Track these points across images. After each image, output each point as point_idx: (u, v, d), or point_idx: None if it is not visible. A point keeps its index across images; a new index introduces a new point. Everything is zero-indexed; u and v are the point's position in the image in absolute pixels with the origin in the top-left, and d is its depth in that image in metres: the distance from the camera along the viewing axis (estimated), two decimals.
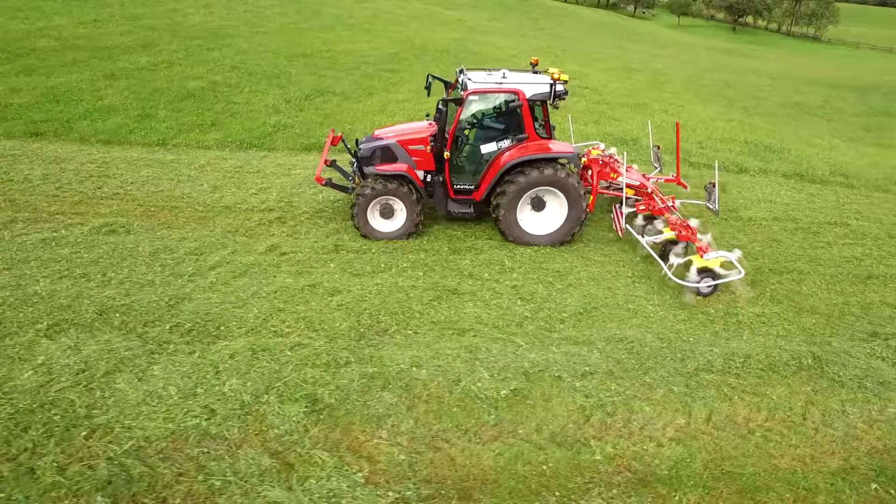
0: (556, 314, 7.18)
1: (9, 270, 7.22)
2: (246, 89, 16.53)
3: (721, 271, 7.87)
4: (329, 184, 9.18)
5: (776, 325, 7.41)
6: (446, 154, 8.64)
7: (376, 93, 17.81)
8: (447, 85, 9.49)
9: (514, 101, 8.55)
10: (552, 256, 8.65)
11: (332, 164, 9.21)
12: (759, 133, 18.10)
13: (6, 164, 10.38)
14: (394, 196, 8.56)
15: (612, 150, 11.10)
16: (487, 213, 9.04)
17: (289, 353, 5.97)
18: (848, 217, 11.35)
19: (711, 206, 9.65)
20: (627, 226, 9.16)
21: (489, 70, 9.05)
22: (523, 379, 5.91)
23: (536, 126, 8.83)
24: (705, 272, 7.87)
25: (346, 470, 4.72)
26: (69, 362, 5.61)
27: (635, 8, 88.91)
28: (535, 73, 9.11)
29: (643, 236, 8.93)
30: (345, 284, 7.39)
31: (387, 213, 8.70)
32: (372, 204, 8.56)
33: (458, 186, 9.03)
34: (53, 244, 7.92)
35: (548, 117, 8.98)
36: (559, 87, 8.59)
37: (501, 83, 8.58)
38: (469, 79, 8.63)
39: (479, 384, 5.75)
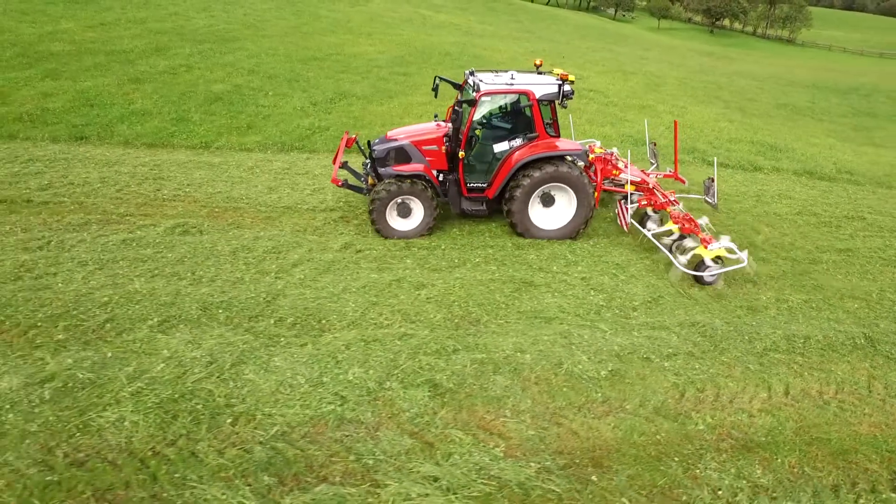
0: (627, 303, 7.68)
1: (101, 270, 7.43)
2: (270, 92, 16.72)
3: (730, 256, 8.31)
4: (345, 185, 9.45)
5: (824, 310, 8.05)
6: (461, 153, 8.94)
7: (395, 96, 18.17)
8: (456, 86, 9.78)
9: (524, 101, 8.93)
10: (608, 250, 9.16)
11: (343, 165, 9.47)
12: (761, 133, 18.96)
13: (62, 168, 10.49)
14: (411, 195, 8.83)
15: (614, 150, 11.46)
16: (499, 210, 9.33)
17: (398, 342, 6.35)
18: (862, 211, 12.13)
19: (710, 200, 10.14)
20: (632, 220, 9.52)
21: (497, 72, 9.39)
22: (617, 361, 6.40)
23: (545, 125, 9.14)
24: (714, 262, 8.28)
25: (484, 446, 5.13)
26: (195, 355, 5.89)
27: (616, 11, 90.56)
28: (540, 73, 9.42)
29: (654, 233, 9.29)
30: (427, 279, 7.78)
31: (404, 212, 8.97)
32: (390, 204, 8.84)
33: (472, 185, 9.31)
34: (134, 244, 8.14)
35: (556, 117, 9.32)
36: (566, 88, 8.96)
37: (512, 84, 8.91)
38: (480, 80, 8.92)
39: (580, 366, 6.21)
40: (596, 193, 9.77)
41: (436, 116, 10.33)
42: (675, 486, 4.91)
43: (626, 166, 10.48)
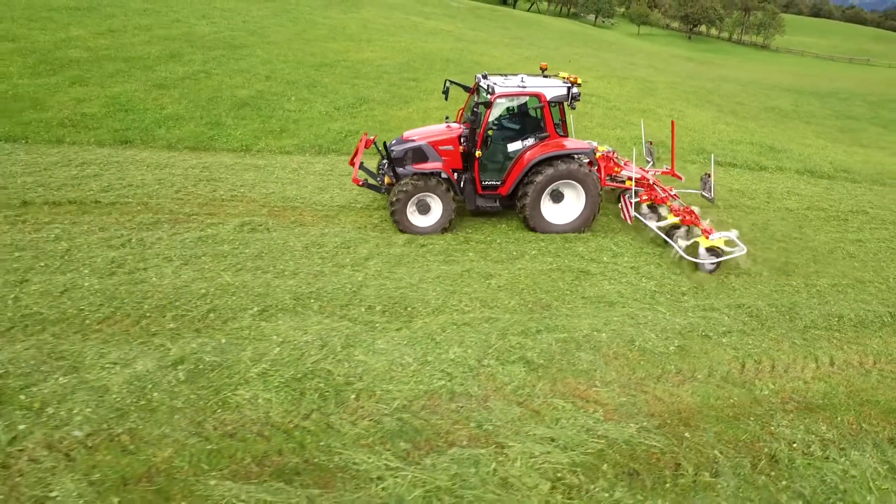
0: (676, 288, 8.38)
1: (186, 265, 7.84)
2: (292, 97, 17.14)
3: (727, 248, 8.99)
4: (365, 184, 9.90)
5: (850, 293, 8.87)
6: (478, 153, 9.39)
7: (410, 101, 18.73)
8: (466, 89, 10.28)
9: (537, 103, 9.52)
10: (647, 242, 9.86)
11: (360, 165, 9.93)
12: (758, 135, 20.03)
13: (116, 171, 10.81)
14: (431, 193, 9.25)
15: (613, 150, 12.00)
16: (511, 206, 9.83)
17: (486, 325, 6.92)
18: (864, 206, 13.12)
19: (706, 195, 10.85)
20: (636, 213, 10.15)
21: (506, 75, 9.92)
22: (680, 338, 7.07)
23: (554, 125, 9.60)
24: (711, 251, 9.00)
25: (584, 412, 5.72)
26: (307, 339, 6.37)
27: (596, 17, 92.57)
28: (546, 77, 9.93)
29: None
30: (493, 270, 8.37)
31: (423, 209, 9.40)
32: (411, 201, 9.28)
33: (486, 182, 9.77)
34: (210, 241, 8.55)
35: (564, 117, 9.80)
36: (574, 90, 9.55)
37: (525, 87, 9.43)
38: (495, 83, 9.38)
39: (650, 343, 6.86)
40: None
41: (447, 118, 10.77)
42: (755, 440, 5.58)
43: (625, 164, 11.20)
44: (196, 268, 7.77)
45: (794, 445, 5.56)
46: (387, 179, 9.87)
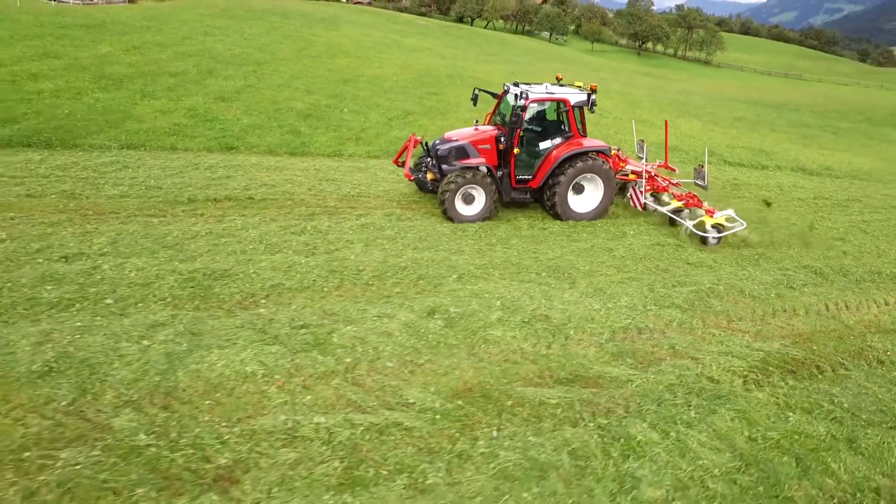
0: (749, 254, 10.50)
1: (368, 247, 9.19)
2: (345, 109, 18.53)
3: (728, 224, 10.95)
4: (416, 180, 11.38)
5: (879, 257, 11.31)
6: (516, 150, 10.73)
7: (449, 112, 20.46)
8: (494, 96, 11.88)
9: (563, 107, 11.21)
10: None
11: (403, 164, 11.31)
12: (744, 140, 22.97)
13: (242, 172, 11.96)
14: (476, 185, 10.50)
15: (618, 147, 13.86)
16: (539, 198, 11.26)
17: (634, 283, 8.73)
18: (858, 196, 15.90)
19: (700, 183, 12.84)
20: (646, 201, 12.13)
21: (529, 84, 11.33)
22: (774, 287, 9.14)
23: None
24: (714, 228, 10.94)
25: (736, 337, 7.61)
26: (515, 295, 7.88)
27: (551, 35, 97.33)
28: (562, 86, 11.44)
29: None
30: (609, 245, 10.23)
31: (468, 200, 10.63)
32: (459, 192, 10.56)
33: (519, 177, 11.17)
34: (372, 228, 9.97)
35: (584, 119, 11.30)
36: (593, 97, 11.13)
37: (553, 93, 11.01)
38: (528, 90, 10.81)
39: (756, 292, 8.89)
40: None
41: (476, 122, 11.97)
42: (861, 351, 7.62)
43: (624, 160, 13.23)
44: (379, 248, 9.20)
45: (888, 353, 7.64)
46: (429, 175, 11.20)
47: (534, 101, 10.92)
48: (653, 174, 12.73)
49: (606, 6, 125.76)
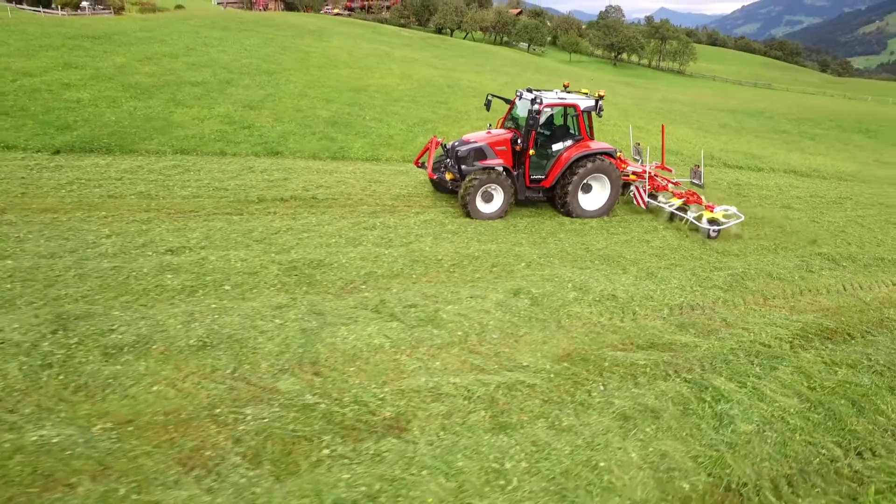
0: (766, 244, 11.70)
1: (436, 240, 10.05)
2: (366, 117, 19.37)
3: (723, 219, 11.99)
4: (438, 179, 12.17)
5: (879, 246, 12.64)
6: (532, 151, 11.47)
7: (460, 119, 21.47)
8: (507, 102, 12.80)
9: (573, 111, 12.15)
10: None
11: (422, 165, 12.30)
12: (734, 145, 24.56)
13: (295, 176, 12.71)
14: (495, 184, 11.18)
15: (619, 150, 15.15)
16: (551, 197, 12.03)
17: (678, 268, 9.80)
18: (847, 194, 17.40)
19: (697, 182, 13.97)
20: (649, 199, 13.24)
21: (539, 90, 12.10)
22: (797, 271, 10.32)
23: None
24: (713, 222, 12.03)
25: (774, 311, 8.70)
26: (582, 278, 8.85)
27: (529, 46, 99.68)
28: (569, 92, 12.49)
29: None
30: (644, 237, 11.30)
31: (487, 198, 11.32)
32: (479, 191, 11.23)
33: (533, 177, 11.91)
34: (434, 224, 10.84)
35: (591, 123, 12.10)
36: (600, 103, 12.01)
37: (564, 98, 11.89)
38: (542, 95, 11.62)
39: (782, 275, 10.04)
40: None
41: (489, 125, 12.88)
42: (881, 322, 8.76)
43: (626, 163, 14.41)
44: (447, 241, 10.07)
45: None
46: (448, 175, 11.94)
47: (547, 106, 11.80)
48: (653, 174, 13.87)
49: (579, 17, 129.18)
